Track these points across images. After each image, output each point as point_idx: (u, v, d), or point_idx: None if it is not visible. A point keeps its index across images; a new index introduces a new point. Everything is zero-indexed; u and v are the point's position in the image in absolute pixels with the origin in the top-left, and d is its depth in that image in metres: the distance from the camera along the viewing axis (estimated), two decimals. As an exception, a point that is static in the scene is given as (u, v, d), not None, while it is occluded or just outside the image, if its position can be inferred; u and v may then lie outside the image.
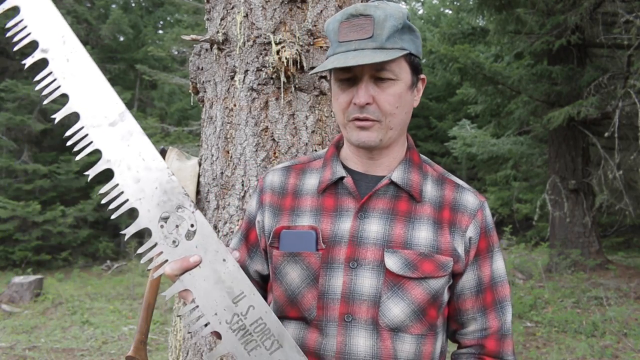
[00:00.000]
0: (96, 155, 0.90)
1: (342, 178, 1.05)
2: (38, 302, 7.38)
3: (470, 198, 1.06)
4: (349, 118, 0.99)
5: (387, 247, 1.00)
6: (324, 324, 1.01)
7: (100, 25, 14.78)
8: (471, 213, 1.04)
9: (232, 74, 1.67)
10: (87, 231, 12.67)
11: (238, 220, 1.65)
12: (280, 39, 1.58)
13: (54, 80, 0.90)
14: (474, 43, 10.01)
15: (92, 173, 0.91)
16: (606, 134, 6.92)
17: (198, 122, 10.27)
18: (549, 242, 8.89)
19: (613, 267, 8.00)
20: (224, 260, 0.88)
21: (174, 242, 0.88)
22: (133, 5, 17.77)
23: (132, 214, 0.90)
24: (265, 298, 1.16)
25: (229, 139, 1.68)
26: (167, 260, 0.90)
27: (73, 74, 0.90)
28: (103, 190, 0.89)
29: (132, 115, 0.90)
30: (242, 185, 1.65)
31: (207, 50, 1.76)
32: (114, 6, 16.27)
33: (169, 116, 14.62)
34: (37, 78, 0.92)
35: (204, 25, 4.65)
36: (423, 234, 1.01)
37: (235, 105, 1.67)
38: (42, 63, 0.99)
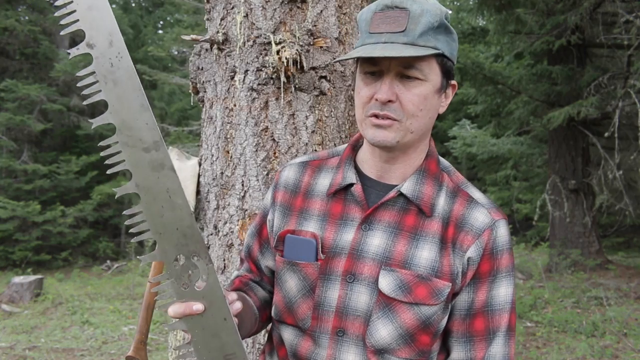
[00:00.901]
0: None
1: (351, 185, 1.01)
2: (38, 302, 7.38)
3: (480, 216, 0.97)
4: (367, 113, 0.93)
5: (385, 265, 0.96)
6: (317, 335, 1.00)
7: (100, 25, 14.78)
8: (476, 232, 0.96)
9: (232, 74, 1.67)
10: (87, 231, 12.68)
11: (238, 220, 1.65)
12: (280, 39, 1.58)
13: (96, 82, 0.86)
14: (474, 43, 10.02)
15: (120, 192, 0.88)
16: (606, 134, 6.92)
17: (198, 122, 10.27)
18: (549, 242, 8.89)
19: (613, 267, 8.00)
20: (225, 319, 0.90)
21: (183, 284, 0.88)
22: (133, 5, 17.78)
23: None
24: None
25: (229, 139, 1.68)
26: (172, 298, 0.91)
27: (115, 82, 0.86)
28: (129, 212, 0.88)
29: (165, 147, 0.87)
30: (242, 185, 1.65)
31: (207, 50, 1.76)
32: (114, 6, 16.26)
33: (169, 116, 14.62)
34: (81, 73, 0.86)
35: (204, 25, 4.65)
36: (425, 254, 0.95)
37: (235, 105, 1.67)
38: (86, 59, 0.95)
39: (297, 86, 1.61)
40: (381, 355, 0.97)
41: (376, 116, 0.92)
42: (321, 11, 1.64)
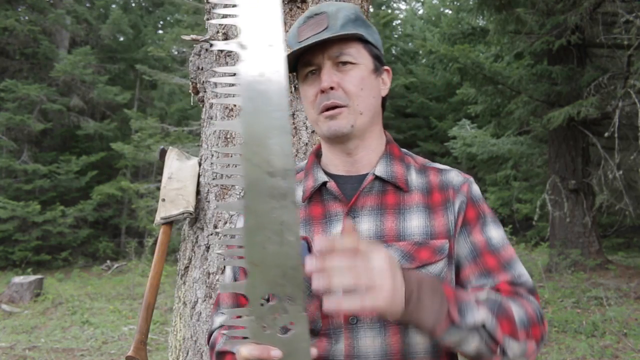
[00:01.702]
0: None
1: (325, 183, 1.04)
2: (38, 302, 7.38)
3: (454, 176, 1.06)
4: (319, 109, 0.99)
5: (381, 243, 0.98)
6: (331, 332, 0.99)
7: (100, 25, 14.79)
8: (457, 187, 1.04)
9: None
10: (87, 231, 12.68)
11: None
12: (280, 39, 1.58)
13: (237, 84, 0.77)
14: (474, 43, 10.01)
15: (222, 207, 0.80)
16: (606, 134, 6.92)
17: (198, 122, 10.27)
18: (549, 242, 8.89)
19: (613, 267, 8.00)
20: None
21: (265, 326, 0.79)
22: (133, 5, 17.78)
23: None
24: None
25: (229, 139, 1.68)
26: (245, 337, 0.81)
27: (260, 93, 0.77)
28: (226, 231, 0.80)
29: (294, 178, 0.78)
30: (242, 185, 1.64)
31: (207, 50, 1.76)
32: (114, 6, 16.28)
33: (169, 116, 14.62)
34: (222, 70, 0.78)
35: (204, 25, 4.65)
36: (415, 223, 1.00)
37: (235, 106, 1.67)
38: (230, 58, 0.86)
39: (297, 86, 1.61)
40: (405, 327, 0.97)
41: (326, 108, 0.98)
42: (321, 11, 1.64)
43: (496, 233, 1.04)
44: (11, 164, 11.73)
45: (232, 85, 0.77)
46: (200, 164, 1.79)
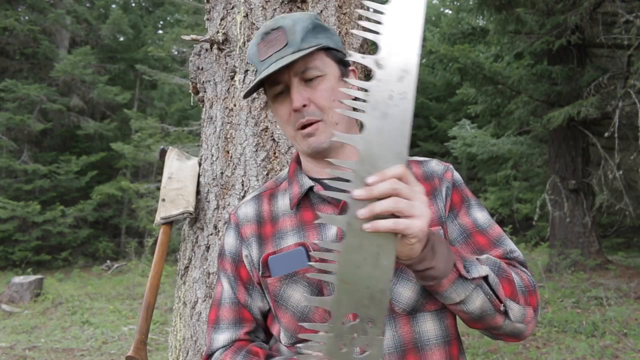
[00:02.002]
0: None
1: (311, 188, 1.04)
2: (38, 302, 7.39)
3: (435, 165, 1.09)
4: (296, 127, 1.01)
5: None
6: None
7: (100, 25, 14.79)
8: (440, 175, 1.07)
9: (232, 74, 1.67)
10: (87, 231, 12.68)
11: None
12: (280, 39, 1.58)
13: (366, 101, 0.77)
14: (474, 43, 10.02)
15: (324, 220, 0.79)
16: (606, 134, 6.92)
17: (198, 122, 10.27)
18: (549, 242, 8.89)
19: (613, 267, 8.00)
20: None
21: (342, 345, 0.79)
22: (133, 5, 17.79)
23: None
24: (267, 337, 1.11)
25: (229, 139, 1.68)
26: (320, 351, 0.82)
27: (384, 115, 0.78)
28: (324, 244, 0.79)
29: None
30: (242, 185, 1.64)
31: (207, 50, 1.76)
32: (114, 6, 16.29)
33: (169, 116, 14.62)
34: (355, 84, 0.79)
35: (204, 25, 4.65)
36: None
37: (235, 105, 1.67)
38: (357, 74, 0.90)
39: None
40: (414, 316, 0.98)
41: (303, 126, 0.99)
42: (321, 11, 1.64)
43: (481, 215, 1.06)
44: (11, 164, 11.73)
45: (363, 101, 0.78)
46: (200, 164, 1.79)
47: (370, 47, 1.78)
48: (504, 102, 9.20)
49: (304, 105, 0.98)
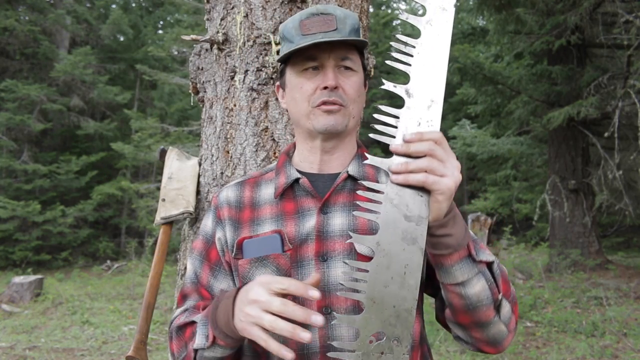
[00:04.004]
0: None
1: (297, 180, 1.06)
2: (38, 302, 7.39)
3: None
4: (315, 104, 1.01)
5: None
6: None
7: (100, 25, 14.80)
8: None
9: (232, 74, 1.67)
10: (87, 231, 12.68)
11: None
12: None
13: (395, 127, 0.83)
14: (474, 43, 10.03)
15: (356, 240, 0.82)
16: (606, 134, 6.92)
17: (198, 122, 10.27)
18: (548, 242, 8.89)
19: (613, 267, 8.00)
20: None
21: None
22: (133, 5, 17.78)
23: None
24: None
25: (229, 139, 1.68)
26: None
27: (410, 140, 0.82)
28: (353, 263, 0.82)
29: (426, 225, 0.83)
30: (242, 185, 1.65)
31: (207, 50, 1.76)
32: (114, 6, 16.29)
33: (169, 116, 14.62)
34: (387, 110, 0.84)
35: (204, 25, 4.65)
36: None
37: (235, 105, 1.67)
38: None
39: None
40: None
41: (325, 103, 1.01)
42: (321, 11, 1.65)
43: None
44: (11, 164, 11.74)
45: (394, 127, 0.83)
46: (200, 164, 1.79)
47: (369, 48, 1.78)
48: (504, 102, 9.21)
49: (336, 87, 1.00)
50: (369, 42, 1.74)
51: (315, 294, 0.80)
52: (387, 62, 0.86)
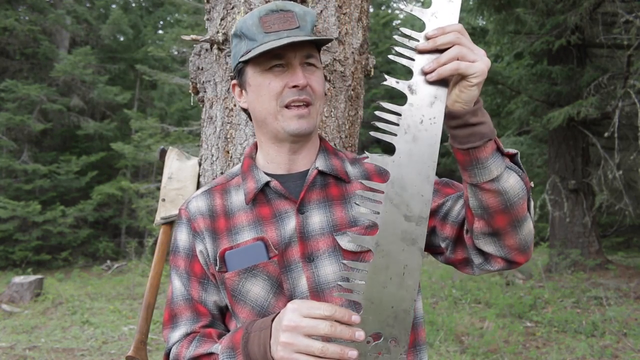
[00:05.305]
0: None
1: (267, 183, 1.04)
2: (38, 302, 7.39)
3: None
4: (284, 102, 1.00)
5: (336, 231, 1.01)
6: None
7: (100, 25, 14.79)
8: None
9: (232, 74, 1.67)
10: (87, 231, 12.68)
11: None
12: (280, 39, 1.58)
13: (398, 124, 0.82)
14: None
15: (355, 240, 0.82)
16: (606, 134, 6.92)
17: (198, 122, 10.27)
18: (548, 242, 8.89)
19: (613, 267, 8.00)
20: None
21: None
22: (133, 5, 17.78)
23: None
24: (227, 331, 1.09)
25: (229, 139, 1.68)
26: None
27: (415, 139, 0.81)
28: (351, 264, 0.81)
29: (426, 226, 0.81)
30: (242, 185, 1.64)
31: (207, 50, 1.76)
32: (114, 6, 16.28)
33: (169, 116, 14.62)
34: (388, 107, 0.82)
35: (204, 25, 4.65)
36: (362, 209, 1.00)
37: (235, 105, 1.67)
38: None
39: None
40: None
41: (294, 104, 1.00)
42: (321, 11, 1.64)
43: (436, 179, 1.09)
44: (11, 164, 11.73)
45: (395, 124, 0.82)
46: (200, 164, 1.80)
47: (369, 48, 1.78)
48: (504, 102, 9.21)
49: (306, 86, 1.00)
50: (369, 42, 1.74)
51: (357, 318, 0.79)
52: (390, 57, 0.84)
